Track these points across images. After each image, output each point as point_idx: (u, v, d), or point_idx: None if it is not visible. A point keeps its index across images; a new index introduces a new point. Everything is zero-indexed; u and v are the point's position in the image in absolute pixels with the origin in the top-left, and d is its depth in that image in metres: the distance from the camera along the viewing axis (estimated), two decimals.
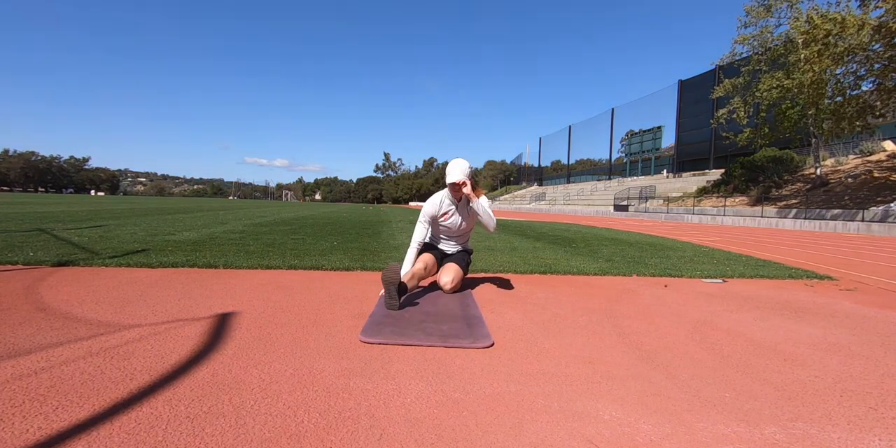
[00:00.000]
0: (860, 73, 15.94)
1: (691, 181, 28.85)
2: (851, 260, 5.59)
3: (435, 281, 2.96)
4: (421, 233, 2.89)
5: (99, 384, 1.33)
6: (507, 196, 60.75)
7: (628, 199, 29.11)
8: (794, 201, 18.00)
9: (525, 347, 1.82)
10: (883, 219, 13.04)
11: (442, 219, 2.93)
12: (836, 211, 15.01)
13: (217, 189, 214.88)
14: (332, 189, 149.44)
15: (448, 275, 2.79)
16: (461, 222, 2.96)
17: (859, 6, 15.15)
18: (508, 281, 3.32)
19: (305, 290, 2.79)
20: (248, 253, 4.17)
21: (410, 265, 2.79)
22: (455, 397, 1.33)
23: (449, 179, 2.77)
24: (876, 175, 17.26)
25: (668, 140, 39.42)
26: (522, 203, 47.55)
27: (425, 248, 3.01)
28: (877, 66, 15.18)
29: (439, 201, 2.91)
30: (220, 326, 1.96)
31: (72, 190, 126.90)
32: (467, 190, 2.76)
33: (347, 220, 11.01)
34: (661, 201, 25.72)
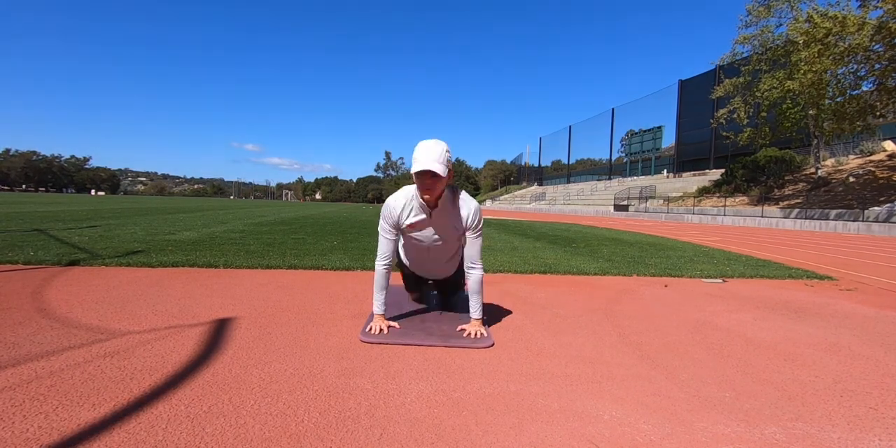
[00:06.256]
0: (861, 73, 15.94)
1: (691, 181, 28.83)
2: (851, 260, 5.59)
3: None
4: (385, 247, 1.97)
5: (99, 384, 1.33)
6: (507, 196, 60.76)
7: (628, 199, 29.09)
8: (794, 201, 17.99)
9: (525, 347, 1.82)
10: (887, 218, 13.04)
11: (408, 229, 1.98)
12: (836, 211, 15.01)
13: (217, 189, 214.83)
14: (333, 189, 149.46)
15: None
16: (434, 236, 2.00)
17: (859, 6, 15.15)
18: (509, 281, 3.32)
19: (305, 290, 2.79)
20: (248, 253, 4.17)
21: (381, 304, 1.97)
22: (455, 397, 1.33)
23: (416, 167, 1.75)
24: (878, 175, 17.26)
25: (668, 140, 39.43)
26: (522, 203, 47.55)
27: (413, 284, 2.30)
28: (877, 66, 15.18)
29: (403, 203, 1.93)
30: (221, 326, 1.96)
31: (72, 189, 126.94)
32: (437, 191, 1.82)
33: (347, 220, 11.01)
34: (661, 201, 25.71)
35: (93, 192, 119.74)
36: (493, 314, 2.33)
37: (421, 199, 1.88)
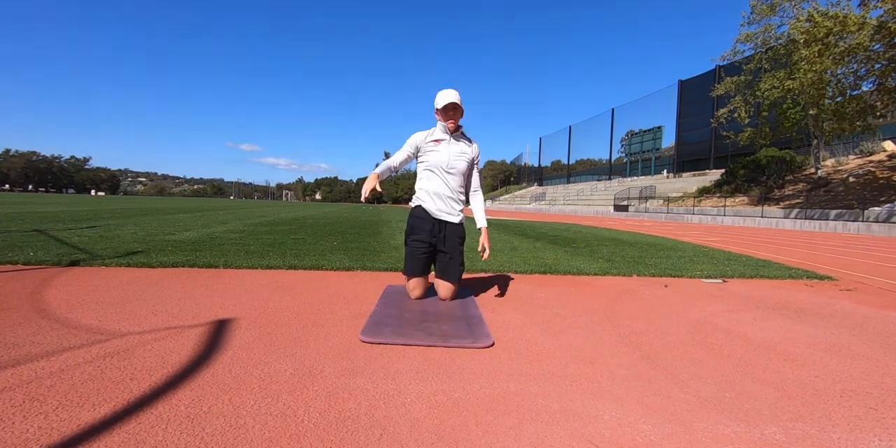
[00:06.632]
0: (861, 73, 15.94)
1: (691, 181, 28.84)
2: (851, 260, 5.59)
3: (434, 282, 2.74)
4: (399, 156, 2.63)
5: (99, 384, 1.33)
6: (507, 196, 60.74)
7: (628, 199, 29.10)
8: (794, 201, 17.99)
9: (525, 347, 1.82)
10: (887, 218, 13.05)
11: (432, 145, 2.57)
12: (836, 211, 15.01)
13: (217, 189, 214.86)
14: (333, 189, 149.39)
15: (443, 291, 2.57)
16: (450, 160, 2.56)
17: (859, 6, 15.15)
18: (509, 281, 3.32)
19: (305, 290, 2.79)
20: (248, 253, 4.17)
21: (379, 169, 2.59)
22: (455, 397, 1.33)
23: (443, 101, 2.46)
24: (878, 175, 17.26)
25: (668, 140, 39.42)
26: (522, 203, 47.55)
27: (416, 265, 2.56)
28: (877, 65, 15.18)
29: (427, 132, 2.62)
30: (221, 326, 1.96)
31: (72, 190, 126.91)
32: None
33: (347, 220, 11.01)
34: (661, 201, 25.71)
35: (93, 192, 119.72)
36: (493, 314, 2.33)
37: (445, 126, 2.55)
